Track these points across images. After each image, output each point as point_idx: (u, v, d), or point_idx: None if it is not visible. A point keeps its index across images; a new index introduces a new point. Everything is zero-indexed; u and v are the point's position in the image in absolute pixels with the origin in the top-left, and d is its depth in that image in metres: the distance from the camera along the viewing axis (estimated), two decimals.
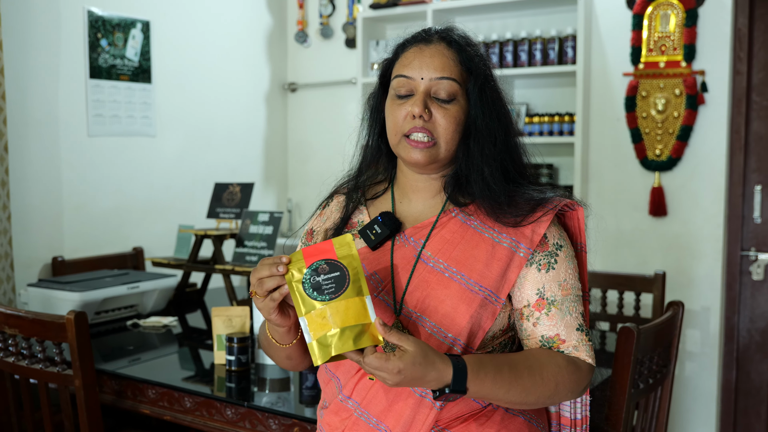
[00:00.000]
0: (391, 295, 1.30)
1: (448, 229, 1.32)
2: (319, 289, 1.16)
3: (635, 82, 3.36)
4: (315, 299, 1.15)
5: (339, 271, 1.17)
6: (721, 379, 3.35)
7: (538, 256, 1.30)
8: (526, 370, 1.22)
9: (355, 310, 1.15)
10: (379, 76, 1.41)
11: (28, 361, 2.08)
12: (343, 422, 1.33)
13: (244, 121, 4.15)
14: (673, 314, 2.03)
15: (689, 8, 3.22)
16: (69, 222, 3.25)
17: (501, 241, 1.29)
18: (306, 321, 1.16)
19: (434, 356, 1.14)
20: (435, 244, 1.31)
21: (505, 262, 1.28)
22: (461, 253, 1.29)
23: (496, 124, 1.32)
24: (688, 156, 3.30)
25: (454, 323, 1.25)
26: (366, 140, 1.44)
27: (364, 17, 3.92)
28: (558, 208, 1.31)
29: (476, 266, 1.27)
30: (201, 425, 2.01)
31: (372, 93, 1.44)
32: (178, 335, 2.69)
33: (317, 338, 1.15)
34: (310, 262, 1.17)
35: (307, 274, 1.16)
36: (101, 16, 3.31)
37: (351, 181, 1.47)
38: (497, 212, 1.29)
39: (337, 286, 1.16)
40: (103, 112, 3.35)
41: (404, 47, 1.36)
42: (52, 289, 2.67)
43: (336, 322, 1.14)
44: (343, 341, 1.13)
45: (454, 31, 1.37)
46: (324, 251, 1.18)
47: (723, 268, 3.29)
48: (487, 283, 1.27)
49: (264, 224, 3.01)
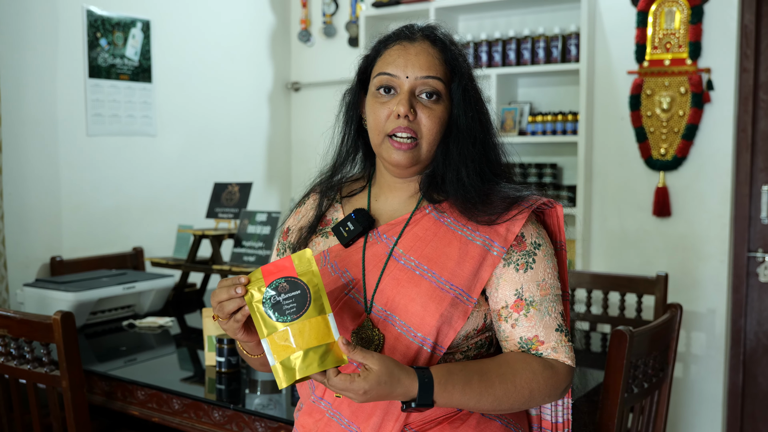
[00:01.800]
0: (362, 293, 1.28)
1: (420, 226, 1.30)
2: (280, 309, 1.13)
3: (640, 81, 3.30)
4: (276, 320, 1.13)
5: (300, 289, 1.14)
6: (728, 383, 3.29)
7: (515, 255, 1.26)
8: (497, 379, 1.20)
9: (317, 330, 1.12)
10: (357, 72, 1.38)
11: (16, 362, 2.07)
12: (316, 424, 1.32)
13: (247, 121, 4.13)
14: (671, 317, 1.99)
15: (695, 5, 3.16)
16: (68, 222, 3.25)
17: (474, 239, 1.26)
18: (268, 342, 1.13)
19: (400, 372, 1.12)
20: (407, 241, 1.29)
21: (478, 260, 1.25)
22: (433, 250, 1.26)
23: (476, 124, 1.30)
24: (694, 155, 3.24)
25: (423, 322, 1.22)
26: (342, 137, 1.42)
27: (366, 16, 3.89)
28: (534, 206, 1.28)
29: (447, 264, 1.25)
30: (189, 427, 1.99)
31: (348, 89, 1.41)
32: (175, 336, 2.67)
33: (280, 360, 1.13)
34: (270, 280, 1.14)
35: (267, 294, 1.14)
36: (101, 16, 3.30)
37: (326, 180, 1.44)
38: (471, 210, 1.27)
39: (299, 305, 1.13)
40: (103, 112, 3.34)
41: (387, 44, 1.33)
42: (48, 289, 2.66)
43: (299, 343, 1.12)
44: (307, 363, 1.11)
45: (437, 29, 1.34)
46: (283, 268, 1.15)
47: (729, 269, 3.23)
48: (459, 282, 1.24)
49: (262, 224, 2.99)
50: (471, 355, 1.29)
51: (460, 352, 1.28)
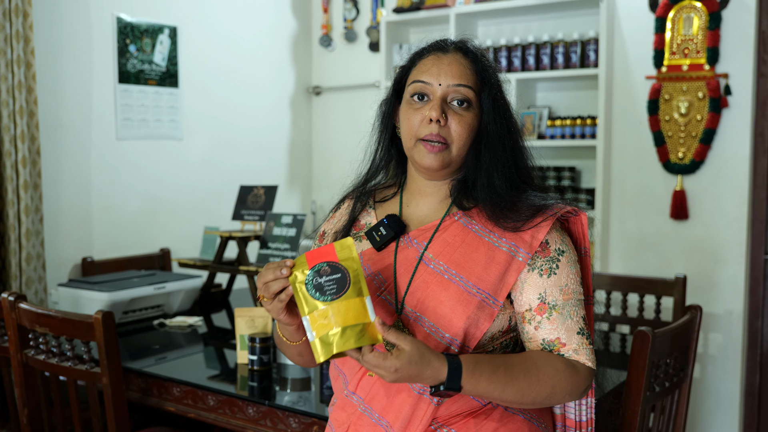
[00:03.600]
0: (393, 294, 1.34)
1: (450, 232, 1.36)
2: (321, 289, 1.21)
3: (658, 85, 3.35)
4: (317, 299, 1.21)
5: (340, 272, 1.22)
6: (745, 384, 3.33)
7: (539, 261, 1.32)
8: (522, 372, 1.26)
9: (355, 310, 1.20)
10: (393, 82, 1.45)
11: (57, 359, 2.15)
12: (348, 417, 1.38)
13: (269, 124, 4.21)
14: (691, 318, 2.04)
15: (712, 11, 3.21)
16: (98, 223, 3.34)
17: (500, 245, 1.32)
18: (309, 320, 1.21)
19: (430, 355, 1.19)
20: (436, 246, 1.35)
21: (504, 266, 1.31)
22: (461, 256, 1.33)
23: (505, 132, 1.36)
24: (711, 159, 3.29)
25: (451, 324, 1.29)
26: (377, 145, 1.48)
27: (387, 21, 3.96)
28: (558, 215, 1.34)
29: (475, 269, 1.31)
30: (224, 423, 2.06)
31: (384, 99, 1.48)
32: (203, 335, 2.75)
33: (320, 336, 1.20)
34: (313, 264, 1.23)
35: (310, 276, 1.22)
36: (130, 22, 3.39)
37: (360, 185, 1.51)
38: (498, 217, 1.33)
39: (339, 287, 1.21)
40: (132, 116, 3.43)
41: (421, 55, 1.40)
42: (82, 289, 2.74)
43: (337, 321, 1.19)
44: (344, 339, 1.19)
45: (469, 42, 1.41)
46: (326, 254, 1.23)
47: (746, 272, 3.27)
48: (485, 286, 1.30)
49: (287, 226, 3.06)
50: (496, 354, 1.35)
51: (485, 352, 1.34)
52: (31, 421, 2.23)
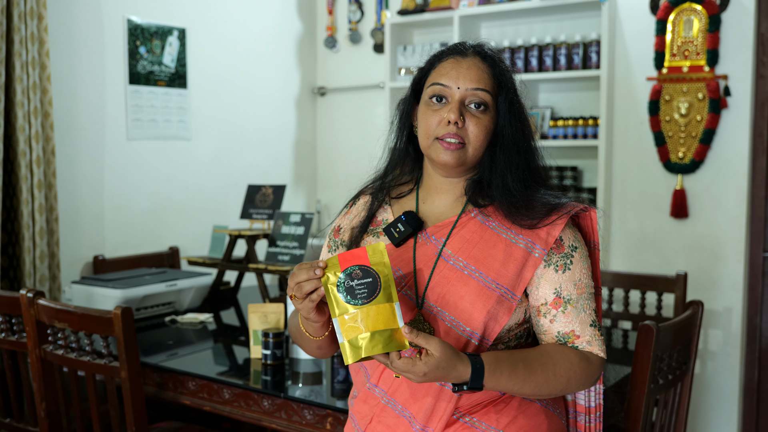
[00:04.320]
0: (414, 289, 1.39)
1: (467, 229, 1.41)
2: (353, 293, 1.24)
3: (659, 87, 3.42)
4: (348, 302, 1.24)
5: (371, 277, 1.25)
6: (743, 379, 3.40)
7: (555, 257, 1.38)
8: (539, 367, 1.32)
9: (384, 316, 1.23)
10: (412, 83, 1.50)
11: (76, 354, 2.20)
12: (371, 410, 1.43)
13: (275, 125, 4.27)
14: (693, 313, 2.11)
15: (712, 14, 3.27)
16: (109, 222, 3.40)
17: (517, 242, 1.38)
18: (338, 322, 1.24)
19: (456, 359, 1.24)
20: (455, 243, 1.40)
21: (521, 261, 1.37)
22: (480, 252, 1.38)
23: (520, 134, 1.41)
24: (711, 159, 3.35)
25: (472, 318, 1.34)
26: (395, 143, 1.53)
27: (392, 23, 4.02)
28: (572, 212, 1.40)
29: (494, 265, 1.36)
30: (239, 415, 2.12)
31: (403, 98, 1.52)
32: (214, 331, 2.80)
33: (349, 339, 1.24)
34: (345, 266, 1.25)
35: (342, 278, 1.25)
36: (139, 24, 3.45)
37: (377, 182, 1.56)
38: (514, 215, 1.38)
39: (369, 291, 1.24)
40: (141, 117, 3.48)
41: (440, 58, 1.45)
42: (95, 286, 2.80)
43: (367, 325, 1.23)
44: (373, 344, 1.22)
45: (486, 46, 1.46)
46: (358, 257, 1.26)
47: (745, 269, 3.34)
48: (504, 281, 1.36)
49: (296, 225, 3.12)
50: (512, 345, 1.41)
51: (502, 343, 1.40)
52: (49, 414, 2.28)
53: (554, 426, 1.42)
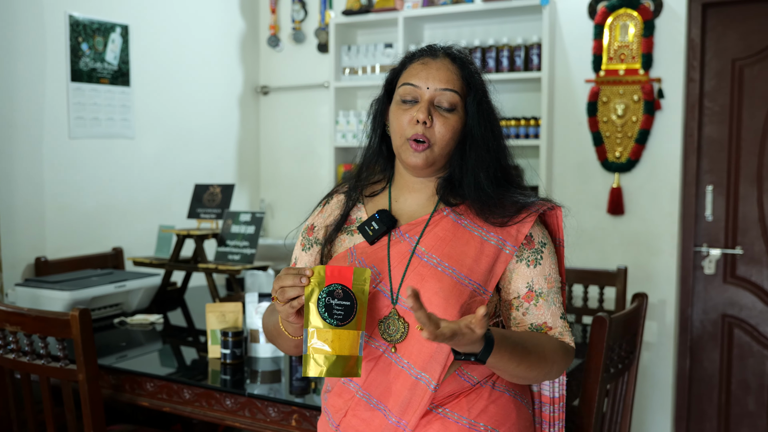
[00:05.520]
0: (388, 286, 1.43)
1: (441, 227, 1.46)
2: (330, 311, 1.29)
3: (596, 89, 3.55)
4: (324, 319, 1.29)
5: (350, 300, 1.30)
6: (676, 368, 3.57)
7: (526, 253, 1.45)
8: (533, 347, 1.37)
9: (351, 342, 1.30)
10: (384, 83, 1.54)
11: (29, 358, 2.15)
12: (346, 403, 1.46)
13: (219, 124, 4.24)
14: (639, 305, 2.22)
15: (647, 19, 3.43)
16: (51, 223, 3.31)
17: (489, 239, 1.43)
18: (308, 334, 1.30)
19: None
20: (428, 240, 1.44)
21: (493, 258, 1.42)
22: (453, 249, 1.43)
23: (489, 134, 1.46)
24: (646, 158, 3.51)
25: (446, 313, 1.38)
26: (368, 142, 1.57)
27: (336, 23, 4.04)
28: (540, 211, 1.46)
29: (466, 261, 1.41)
30: (200, 415, 2.12)
31: (376, 98, 1.56)
32: (165, 332, 2.78)
33: (313, 354, 1.29)
34: (330, 282, 1.30)
35: (324, 294, 1.30)
36: (81, 20, 3.37)
37: (351, 180, 1.59)
38: (486, 213, 1.44)
39: (345, 314, 1.30)
40: (84, 115, 3.41)
41: (412, 59, 1.50)
42: (42, 288, 2.73)
43: (334, 347, 1.29)
44: (334, 367, 1.29)
45: (456, 48, 1.51)
46: (343, 276, 1.31)
47: (678, 263, 3.51)
48: (476, 277, 1.41)
49: (246, 224, 3.12)
50: None
51: None
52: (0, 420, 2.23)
53: (522, 415, 1.49)
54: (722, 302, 3.50)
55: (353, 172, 1.60)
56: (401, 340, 1.40)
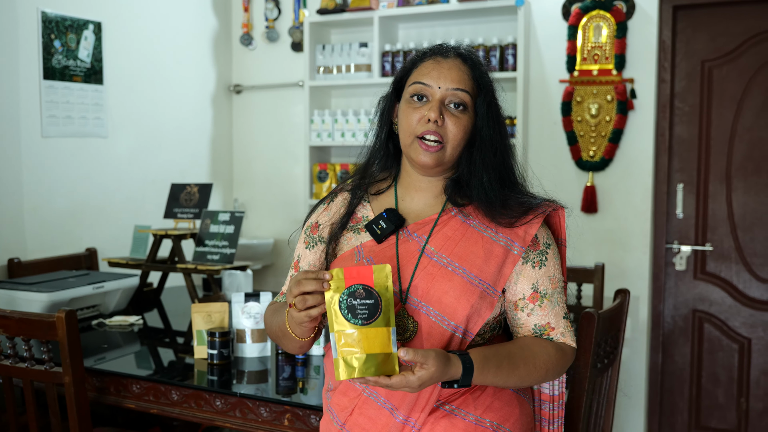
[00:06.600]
0: (397, 285, 1.43)
1: (449, 227, 1.47)
2: (354, 312, 1.26)
3: (571, 89, 3.61)
4: (348, 321, 1.26)
5: (374, 299, 1.27)
6: (649, 362, 3.65)
7: (531, 254, 1.46)
8: (521, 361, 1.40)
9: (381, 340, 1.27)
10: (393, 81, 1.54)
11: (11, 361, 2.11)
12: (352, 402, 1.46)
13: (192, 123, 4.19)
14: (622, 301, 2.26)
15: (619, 21, 3.49)
16: (25, 224, 3.24)
17: (497, 239, 1.45)
18: (336, 337, 1.27)
19: (449, 364, 1.29)
20: (438, 240, 1.45)
21: (501, 258, 1.44)
22: (462, 249, 1.44)
23: (497, 136, 1.48)
24: (619, 157, 3.57)
25: (456, 313, 1.39)
26: (374, 140, 1.57)
27: (311, 22, 4.03)
28: (547, 212, 1.48)
29: (476, 262, 1.42)
30: (189, 416, 2.09)
31: (384, 96, 1.56)
32: (144, 334, 2.74)
33: (343, 357, 1.26)
34: (349, 283, 1.27)
35: (345, 295, 1.27)
36: (54, 17, 3.30)
37: (357, 179, 1.59)
38: (494, 214, 1.45)
39: (370, 313, 1.27)
40: (57, 113, 3.34)
41: (423, 58, 1.50)
42: (18, 290, 2.68)
43: (364, 347, 1.26)
44: (366, 366, 1.26)
45: (467, 49, 1.52)
46: (363, 276, 1.28)
47: (650, 260, 3.58)
48: (486, 277, 1.42)
49: (225, 224, 3.09)
50: (486, 336, 1.48)
51: (477, 335, 1.47)
52: None
53: (525, 411, 1.51)
54: (693, 298, 3.59)
55: (358, 170, 1.60)
56: (410, 339, 1.40)
